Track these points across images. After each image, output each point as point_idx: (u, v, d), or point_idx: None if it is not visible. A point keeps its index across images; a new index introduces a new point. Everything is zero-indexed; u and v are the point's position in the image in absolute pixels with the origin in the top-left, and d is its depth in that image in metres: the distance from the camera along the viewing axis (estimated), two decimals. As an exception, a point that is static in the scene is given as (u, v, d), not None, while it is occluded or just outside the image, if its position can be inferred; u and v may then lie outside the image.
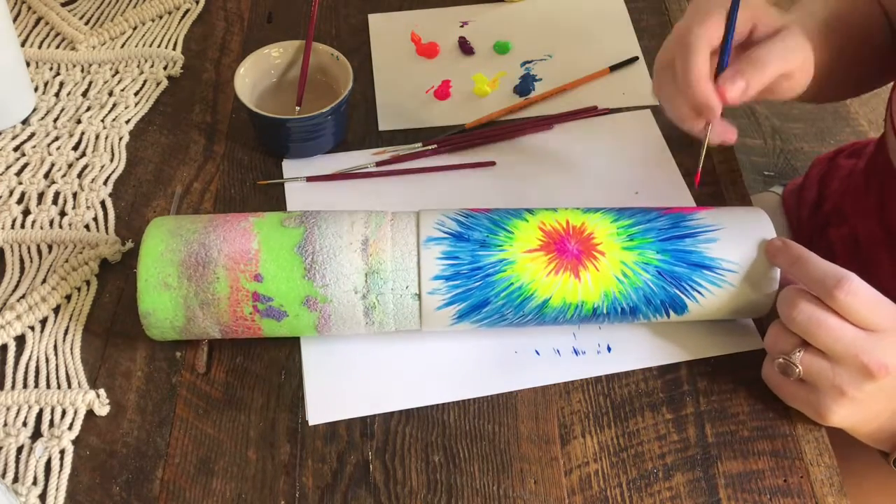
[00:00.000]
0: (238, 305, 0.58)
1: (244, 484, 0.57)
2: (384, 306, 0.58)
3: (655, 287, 0.59)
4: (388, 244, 0.58)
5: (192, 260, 0.57)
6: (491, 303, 0.58)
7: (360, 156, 0.76)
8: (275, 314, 0.58)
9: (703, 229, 0.60)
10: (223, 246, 0.58)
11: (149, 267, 0.57)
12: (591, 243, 0.59)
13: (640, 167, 0.75)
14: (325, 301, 0.58)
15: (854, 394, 0.54)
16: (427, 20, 0.89)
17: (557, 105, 0.81)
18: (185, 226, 0.59)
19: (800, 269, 0.56)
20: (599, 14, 0.90)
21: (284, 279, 0.57)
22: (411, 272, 0.58)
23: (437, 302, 0.58)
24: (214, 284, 0.57)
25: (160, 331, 0.59)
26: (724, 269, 0.59)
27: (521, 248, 0.59)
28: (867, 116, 1.75)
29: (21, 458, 0.58)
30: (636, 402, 0.61)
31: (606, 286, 0.58)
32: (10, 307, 0.65)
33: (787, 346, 0.56)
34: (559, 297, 0.58)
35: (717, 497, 0.56)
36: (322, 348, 0.63)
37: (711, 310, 0.60)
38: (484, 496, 0.56)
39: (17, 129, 0.78)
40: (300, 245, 0.58)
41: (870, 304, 0.54)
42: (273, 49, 0.76)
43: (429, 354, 0.63)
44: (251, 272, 0.57)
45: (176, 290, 0.57)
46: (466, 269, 0.58)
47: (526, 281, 0.58)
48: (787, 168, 1.65)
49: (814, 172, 0.97)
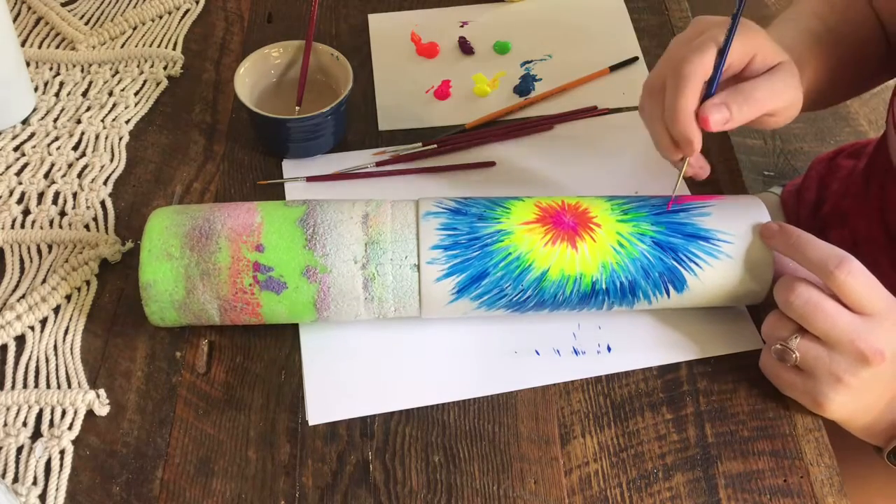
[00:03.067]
0: (238, 276, 0.58)
1: (244, 484, 0.57)
2: (383, 278, 0.59)
3: (652, 258, 0.59)
4: (387, 218, 0.60)
5: (196, 232, 0.59)
6: (490, 274, 0.59)
7: (360, 156, 0.76)
8: (274, 285, 0.58)
9: (695, 205, 0.62)
10: (227, 220, 0.60)
11: (153, 238, 0.59)
12: (586, 216, 0.60)
13: (640, 167, 0.75)
14: (325, 271, 0.58)
15: (850, 380, 0.55)
16: (427, 20, 0.89)
17: (557, 105, 0.81)
18: (191, 207, 0.61)
19: (799, 251, 0.57)
20: (599, 14, 0.90)
21: (285, 249, 0.58)
22: (410, 242, 0.59)
23: (436, 273, 0.58)
24: (216, 254, 0.58)
25: (159, 306, 0.59)
26: (720, 241, 0.60)
27: (518, 220, 0.60)
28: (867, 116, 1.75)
29: (21, 458, 0.58)
30: (636, 402, 0.61)
31: (604, 257, 0.59)
32: (10, 307, 0.65)
33: (785, 333, 0.57)
34: (557, 269, 0.59)
35: (717, 497, 0.56)
36: (322, 348, 0.63)
37: (711, 287, 0.60)
38: (484, 496, 0.56)
39: (17, 129, 0.78)
40: (302, 219, 0.59)
41: (868, 286, 0.54)
42: (273, 49, 0.76)
43: (429, 354, 0.63)
44: (253, 243, 0.58)
45: (178, 259, 0.58)
46: (465, 238, 0.59)
47: (524, 251, 0.59)
48: (786, 168, 1.65)
49: (813, 173, 0.97)
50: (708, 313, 0.65)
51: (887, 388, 0.56)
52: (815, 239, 0.57)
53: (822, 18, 0.72)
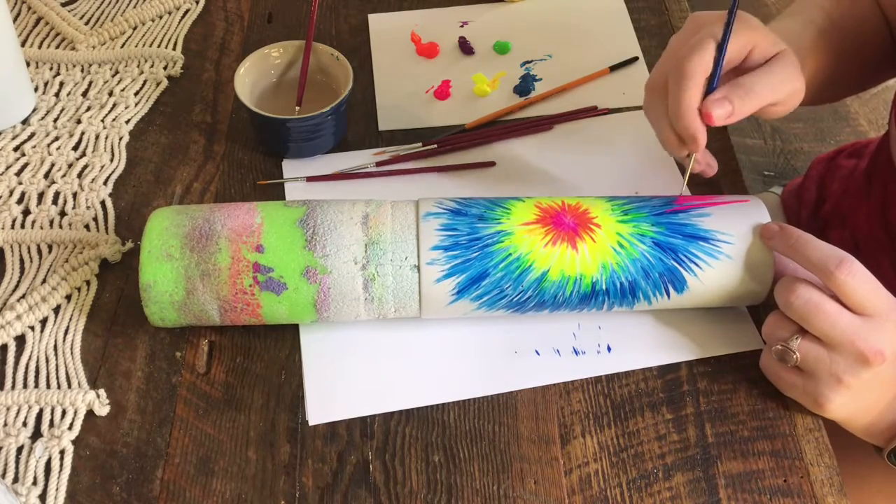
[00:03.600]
0: (238, 277, 0.58)
1: (244, 484, 0.57)
2: (383, 278, 0.59)
3: (653, 258, 0.59)
4: (388, 219, 0.60)
5: (196, 233, 0.59)
6: (490, 275, 0.59)
7: (360, 156, 0.76)
8: (274, 286, 0.58)
9: (695, 205, 0.62)
10: (227, 221, 0.60)
11: (153, 239, 0.59)
12: (586, 217, 0.61)
13: (640, 167, 0.75)
14: (325, 272, 0.58)
15: (850, 381, 0.55)
16: (427, 20, 0.89)
17: (557, 105, 0.81)
18: (191, 208, 0.62)
19: (799, 252, 0.57)
20: (599, 14, 0.90)
21: (285, 250, 0.58)
22: (410, 243, 0.59)
23: (436, 274, 0.58)
24: (216, 255, 0.58)
25: (159, 307, 0.59)
26: (720, 241, 0.60)
27: (518, 220, 0.60)
28: (867, 116, 1.75)
29: (21, 458, 0.58)
30: (636, 402, 0.61)
31: (604, 257, 0.59)
32: (10, 307, 0.65)
33: (785, 333, 0.57)
34: (557, 270, 0.59)
35: (717, 497, 0.56)
36: (322, 348, 0.63)
37: (711, 287, 0.60)
38: (484, 496, 0.56)
39: (17, 129, 0.78)
40: (302, 219, 0.59)
41: (868, 286, 0.54)
42: (273, 49, 0.76)
43: (429, 354, 0.63)
44: (253, 243, 0.58)
45: (178, 260, 0.58)
46: (465, 239, 0.59)
47: (524, 251, 0.59)
48: (786, 168, 1.65)
49: (813, 173, 0.97)
50: (708, 313, 0.65)
51: (887, 388, 0.56)
52: (816, 239, 0.57)
53: (827, 12, 0.72)
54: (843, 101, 1.74)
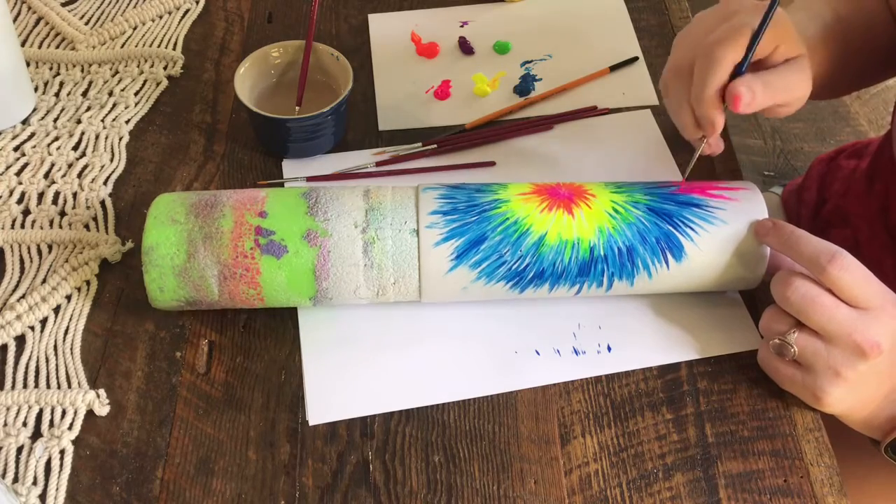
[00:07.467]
0: (240, 239, 0.59)
1: (244, 484, 0.57)
2: (383, 242, 0.59)
3: (648, 223, 0.61)
4: (388, 191, 0.62)
5: (203, 203, 0.61)
6: (488, 238, 0.59)
7: (360, 156, 0.76)
8: (275, 249, 0.59)
9: (695, 190, 0.64)
10: (233, 195, 0.62)
11: (160, 207, 0.61)
12: (581, 189, 0.62)
13: (640, 167, 0.75)
14: (325, 235, 0.59)
15: (848, 374, 0.55)
16: (427, 20, 0.89)
17: (557, 105, 0.81)
18: (199, 190, 0.64)
19: (792, 248, 0.57)
20: (599, 14, 0.90)
21: (288, 214, 0.60)
22: (410, 209, 0.61)
23: (435, 237, 0.59)
24: (220, 220, 0.60)
25: (159, 272, 0.59)
26: (713, 207, 0.61)
27: (515, 192, 0.62)
28: (867, 116, 1.75)
29: (21, 458, 0.58)
30: (636, 402, 0.61)
31: (600, 221, 0.60)
32: (10, 307, 0.65)
33: (783, 327, 0.57)
34: (555, 233, 0.60)
35: (717, 497, 0.56)
36: (322, 348, 0.63)
37: (709, 253, 0.61)
38: (484, 496, 0.56)
39: (17, 129, 0.78)
40: (305, 193, 0.62)
41: (862, 280, 0.55)
42: (273, 49, 0.76)
43: (429, 354, 0.63)
44: (256, 210, 0.60)
45: (182, 224, 0.60)
46: (463, 206, 0.61)
47: (521, 216, 0.60)
48: (787, 168, 1.65)
49: (814, 173, 0.97)
50: (708, 313, 0.65)
51: (885, 380, 0.56)
52: (808, 235, 0.57)
53: (834, 8, 0.73)
54: (842, 101, 1.74)
